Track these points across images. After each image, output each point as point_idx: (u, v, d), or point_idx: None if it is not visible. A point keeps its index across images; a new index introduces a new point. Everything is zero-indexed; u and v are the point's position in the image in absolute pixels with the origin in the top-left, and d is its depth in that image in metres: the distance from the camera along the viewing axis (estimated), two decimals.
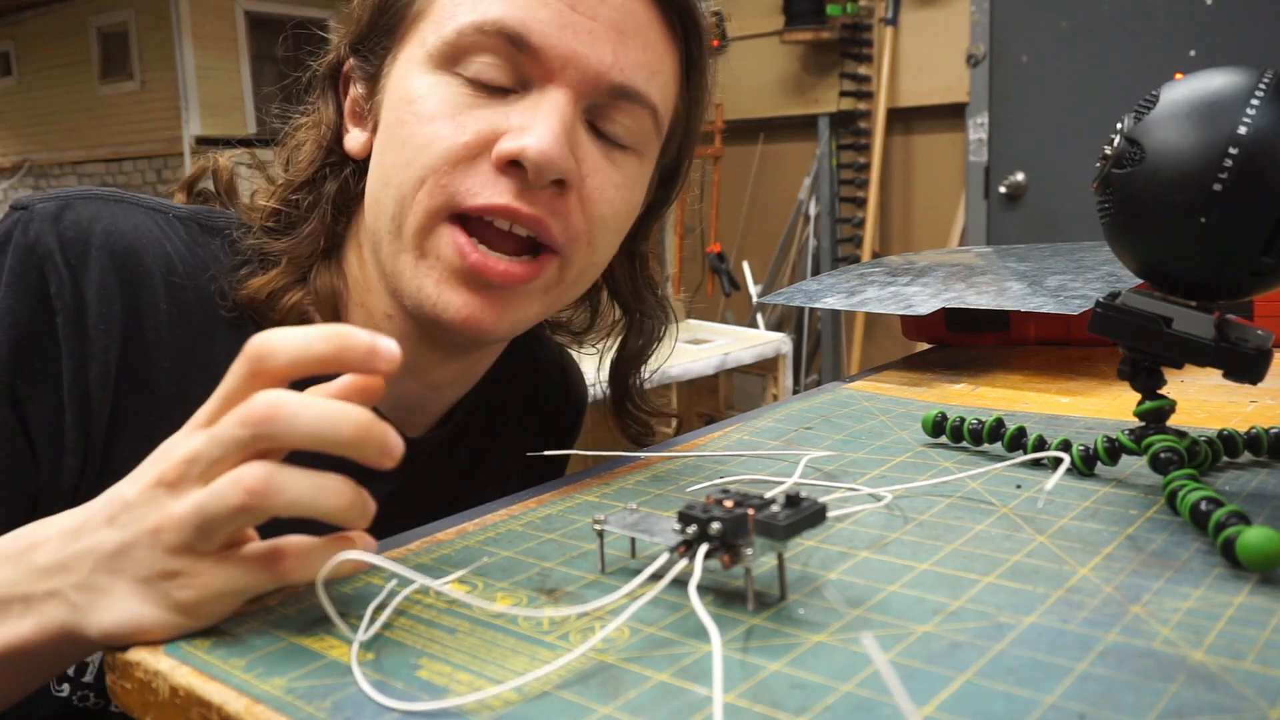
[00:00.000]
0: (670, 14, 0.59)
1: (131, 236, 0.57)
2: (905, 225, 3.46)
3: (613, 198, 0.58)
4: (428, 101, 0.55)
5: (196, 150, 5.67)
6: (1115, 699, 0.31)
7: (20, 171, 6.06)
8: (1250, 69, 0.44)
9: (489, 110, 0.55)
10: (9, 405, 0.53)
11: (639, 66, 0.57)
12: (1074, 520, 0.46)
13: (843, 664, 0.34)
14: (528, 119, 0.54)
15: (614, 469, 0.60)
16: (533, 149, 0.52)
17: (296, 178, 0.63)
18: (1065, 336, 0.90)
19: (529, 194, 0.54)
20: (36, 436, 0.54)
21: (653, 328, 0.72)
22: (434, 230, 0.55)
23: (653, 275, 0.72)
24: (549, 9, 0.54)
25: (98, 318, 0.55)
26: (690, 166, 0.69)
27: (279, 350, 0.38)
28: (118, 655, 0.39)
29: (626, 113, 0.57)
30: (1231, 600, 0.37)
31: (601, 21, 0.55)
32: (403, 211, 0.55)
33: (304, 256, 0.61)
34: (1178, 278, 0.46)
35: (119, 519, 0.39)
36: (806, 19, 3.35)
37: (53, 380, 0.54)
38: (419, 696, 0.33)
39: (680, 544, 0.38)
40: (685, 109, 0.63)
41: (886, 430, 0.64)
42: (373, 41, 0.60)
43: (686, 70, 0.62)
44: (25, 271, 0.54)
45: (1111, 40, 2.90)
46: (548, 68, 0.54)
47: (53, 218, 0.56)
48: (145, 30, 5.69)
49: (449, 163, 0.54)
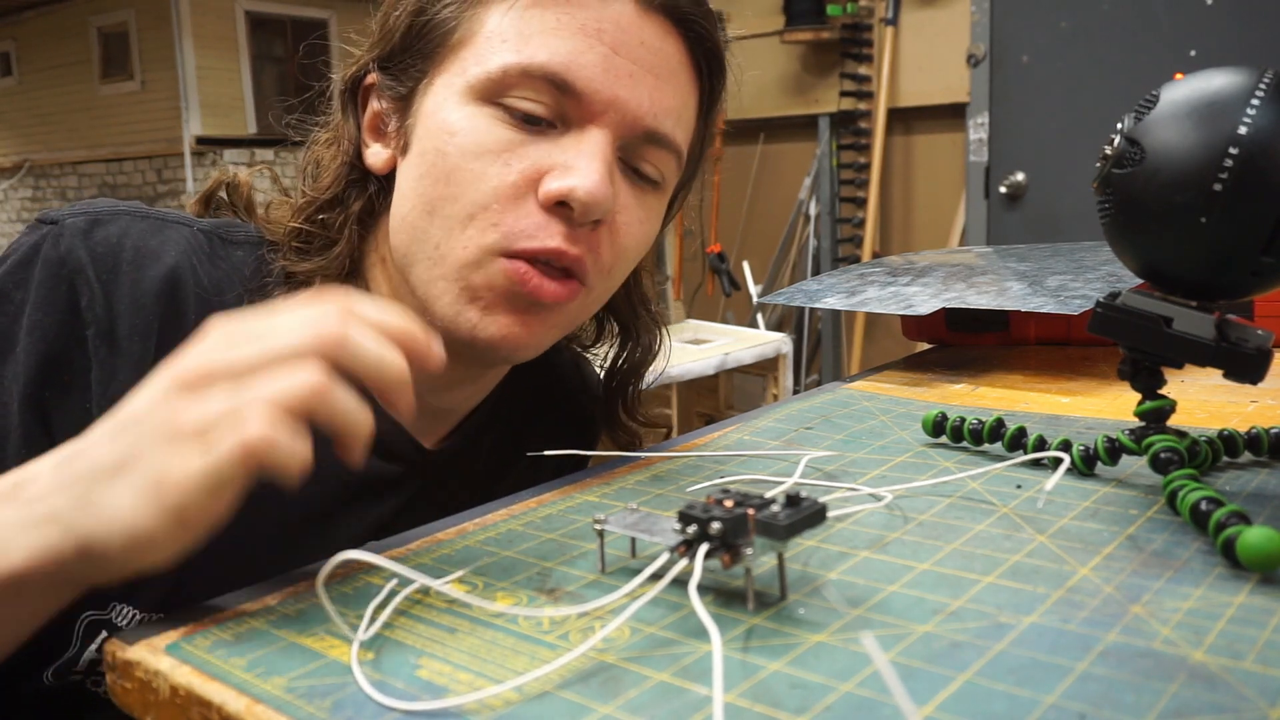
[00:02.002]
0: (699, 54, 0.61)
1: (160, 251, 0.58)
2: (905, 225, 3.46)
3: (637, 232, 0.60)
4: (472, 135, 0.56)
5: (196, 150, 5.66)
6: (1115, 699, 0.31)
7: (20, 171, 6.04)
8: (1250, 69, 0.44)
9: (532, 147, 0.56)
10: (36, 415, 0.54)
11: (669, 111, 0.59)
12: (1074, 520, 0.46)
13: (843, 664, 0.34)
14: (571, 158, 0.55)
15: (614, 469, 0.60)
16: (581, 191, 0.54)
17: (321, 195, 0.63)
18: (1065, 336, 0.90)
19: (573, 233, 0.56)
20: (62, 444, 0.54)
21: (647, 342, 0.73)
22: (484, 264, 0.56)
23: (646, 291, 0.73)
24: (593, 53, 0.55)
25: (129, 330, 0.56)
26: (690, 189, 0.70)
27: (366, 305, 0.42)
28: (118, 654, 0.39)
29: (655, 154, 0.59)
30: (1232, 600, 0.37)
31: (641, 65, 0.57)
32: (449, 244, 0.56)
33: (333, 277, 0.62)
34: (1178, 278, 0.46)
35: (126, 432, 0.39)
36: (807, 19, 3.35)
37: (81, 392, 0.55)
38: (419, 696, 0.33)
39: (680, 544, 0.38)
40: (699, 140, 0.65)
41: (886, 430, 0.64)
42: (405, 61, 0.60)
43: (706, 106, 0.64)
44: (56, 285, 0.55)
45: (1112, 40, 2.90)
46: (590, 110, 0.56)
47: (83, 233, 0.57)
48: (145, 30, 5.67)
49: (499, 201, 0.55)
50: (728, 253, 3.42)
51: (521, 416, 0.74)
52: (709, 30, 0.60)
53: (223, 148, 5.65)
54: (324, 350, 0.39)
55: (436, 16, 0.59)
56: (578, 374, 0.81)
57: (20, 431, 0.54)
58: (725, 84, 0.65)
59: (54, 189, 6.77)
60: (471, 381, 0.66)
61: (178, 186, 5.82)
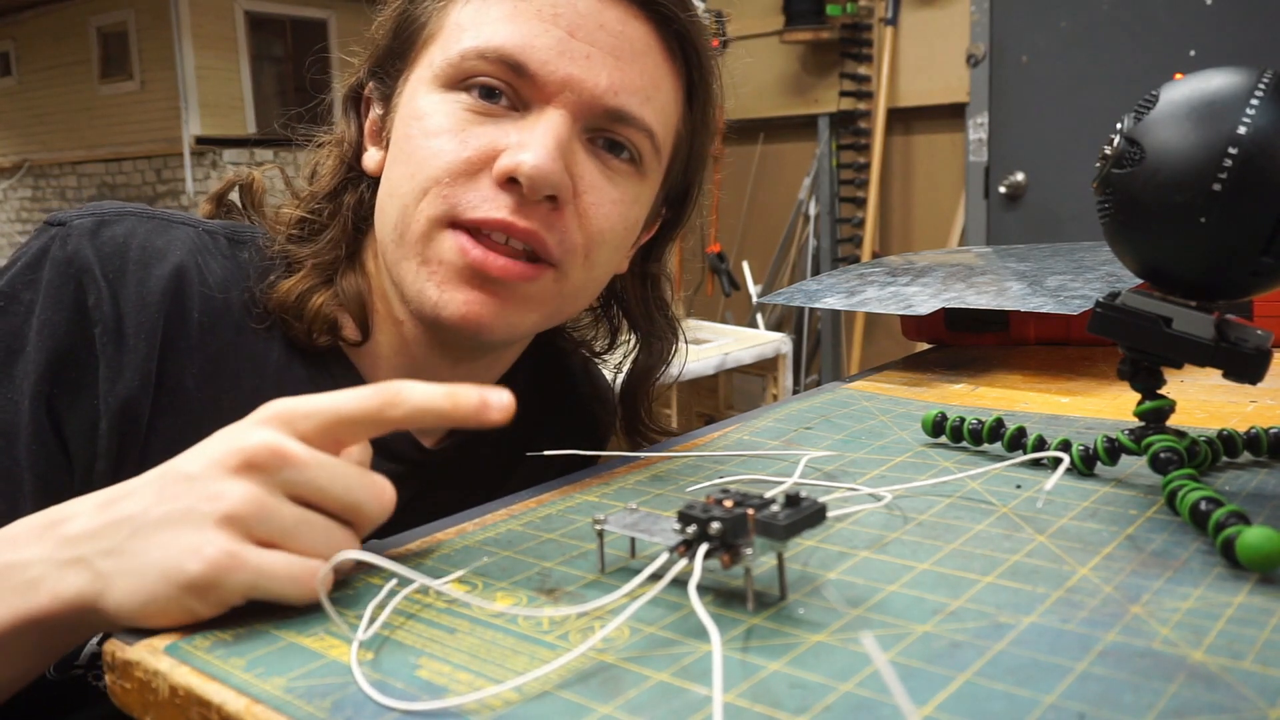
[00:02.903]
0: (670, 40, 0.61)
1: (166, 250, 0.60)
2: (905, 225, 3.46)
3: (610, 213, 0.60)
4: (433, 118, 0.58)
5: (196, 150, 5.66)
6: (1115, 699, 0.31)
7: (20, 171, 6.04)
8: (1250, 69, 0.44)
9: (491, 127, 0.57)
10: (45, 412, 0.55)
11: (634, 90, 0.59)
12: (1074, 520, 0.46)
13: (843, 664, 0.34)
14: (526, 137, 0.56)
15: (614, 469, 0.60)
16: (527, 164, 0.54)
17: (319, 189, 0.65)
18: (1065, 336, 0.90)
19: (525, 209, 0.56)
20: (72, 443, 0.56)
21: (661, 349, 0.74)
22: (435, 237, 0.57)
23: (664, 296, 0.74)
24: (548, 35, 0.57)
25: (135, 328, 0.57)
26: (700, 189, 0.71)
27: (410, 396, 0.41)
28: (117, 654, 0.39)
29: (625, 132, 0.59)
30: (1231, 600, 0.37)
31: (599, 47, 0.57)
32: (405, 220, 0.58)
33: (327, 262, 0.63)
34: (1177, 278, 0.46)
35: (172, 490, 0.40)
36: (806, 19, 3.35)
37: (89, 389, 0.56)
38: (419, 696, 0.33)
39: (680, 544, 0.38)
40: (689, 132, 0.65)
41: (886, 430, 0.64)
42: (389, 64, 0.63)
43: (689, 94, 0.64)
44: (64, 284, 0.56)
45: (1111, 40, 2.90)
46: (546, 91, 0.57)
47: (90, 233, 0.58)
48: (145, 30, 5.67)
49: (451, 175, 0.57)
50: (727, 252, 3.42)
51: (526, 418, 0.74)
52: (677, 13, 0.61)
53: (222, 148, 5.65)
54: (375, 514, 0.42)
55: (412, 16, 0.61)
56: (587, 378, 0.81)
57: (31, 428, 0.55)
58: (710, 67, 0.64)
59: (53, 189, 6.77)
60: (465, 367, 0.66)
61: (177, 186, 5.82)
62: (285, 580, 0.39)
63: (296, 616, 0.40)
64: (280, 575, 0.39)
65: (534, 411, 0.74)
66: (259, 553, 0.39)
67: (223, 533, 0.38)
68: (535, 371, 0.73)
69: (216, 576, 0.38)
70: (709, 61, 0.64)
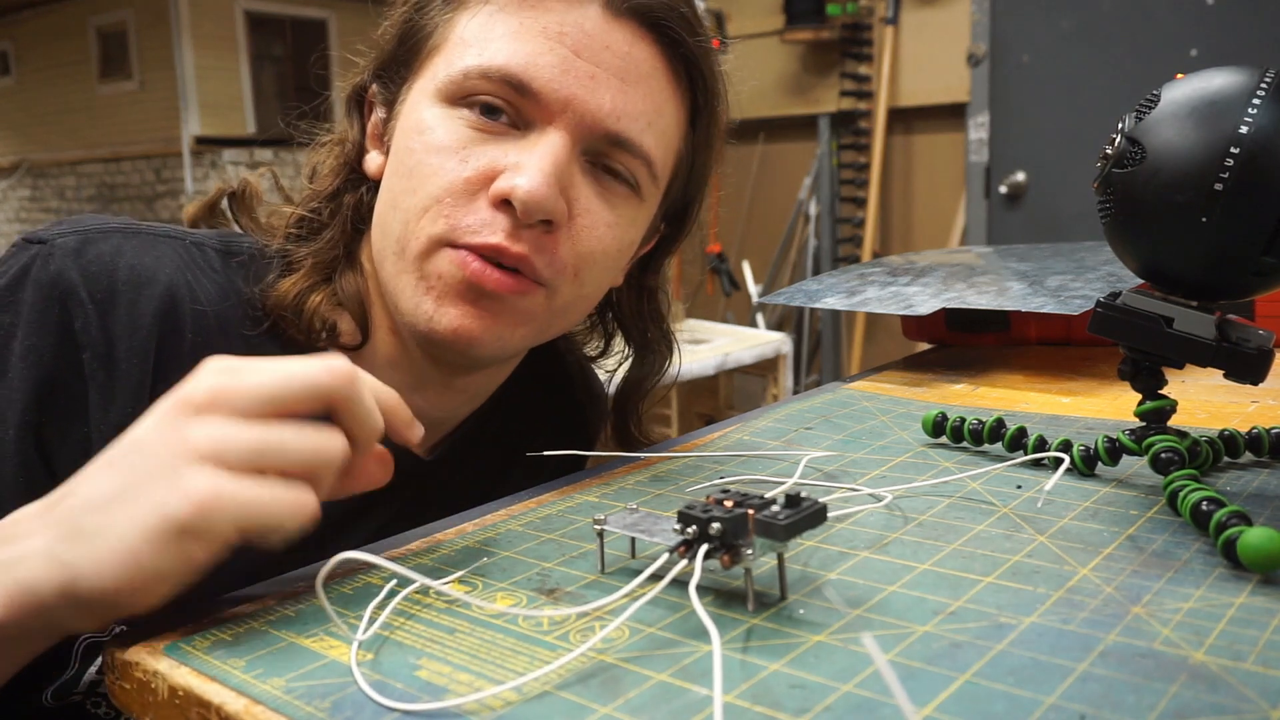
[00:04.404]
0: (677, 63, 0.61)
1: (155, 270, 0.58)
2: (905, 225, 3.46)
3: (603, 235, 0.59)
4: (435, 133, 0.58)
5: (195, 150, 5.66)
6: (1116, 699, 0.31)
7: (19, 171, 6.04)
8: (1251, 68, 0.44)
9: (491, 146, 0.57)
10: (33, 443, 0.53)
11: (636, 116, 0.58)
12: (1074, 520, 0.46)
13: (843, 664, 0.34)
14: (524, 159, 0.56)
15: (614, 469, 0.60)
16: (521, 190, 0.54)
17: (320, 189, 0.65)
18: (1065, 336, 0.89)
19: (518, 232, 0.56)
20: (62, 474, 0.54)
21: (654, 362, 0.73)
22: (434, 255, 0.57)
23: (660, 309, 0.73)
24: (553, 54, 0.56)
25: (127, 352, 0.55)
26: (701, 205, 0.70)
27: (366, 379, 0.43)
28: (117, 655, 0.39)
29: (622, 158, 0.59)
30: (1232, 601, 0.37)
31: (605, 69, 0.57)
32: (407, 235, 0.58)
33: (326, 261, 0.63)
34: (1178, 278, 0.46)
35: (128, 460, 0.39)
36: (807, 19, 3.35)
37: (79, 417, 0.54)
38: (419, 696, 0.33)
39: (680, 544, 0.38)
40: (690, 151, 0.65)
41: (886, 430, 0.64)
42: (393, 69, 0.63)
43: (693, 115, 0.63)
44: (47, 308, 0.54)
45: (1112, 40, 2.90)
46: (548, 111, 0.56)
47: (74, 253, 0.56)
48: (144, 30, 5.66)
49: (451, 195, 0.56)
50: (728, 253, 3.43)
51: (520, 423, 0.74)
52: (685, 36, 0.60)
53: (222, 147, 5.65)
54: (330, 397, 0.41)
55: (418, 24, 0.61)
56: (584, 382, 0.80)
57: (17, 460, 0.52)
58: (717, 89, 0.64)
59: (52, 189, 6.77)
60: (459, 380, 0.66)
61: (176, 186, 5.82)
62: (272, 504, 0.38)
63: (296, 617, 0.40)
64: (267, 500, 0.38)
65: (528, 416, 0.74)
66: (242, 481, 0.38)
67: (200, 470, 0.37)
68: (532, 373, 0.73)
69: (205, 513, 0.37)
70: (716, 85, 0.64)
